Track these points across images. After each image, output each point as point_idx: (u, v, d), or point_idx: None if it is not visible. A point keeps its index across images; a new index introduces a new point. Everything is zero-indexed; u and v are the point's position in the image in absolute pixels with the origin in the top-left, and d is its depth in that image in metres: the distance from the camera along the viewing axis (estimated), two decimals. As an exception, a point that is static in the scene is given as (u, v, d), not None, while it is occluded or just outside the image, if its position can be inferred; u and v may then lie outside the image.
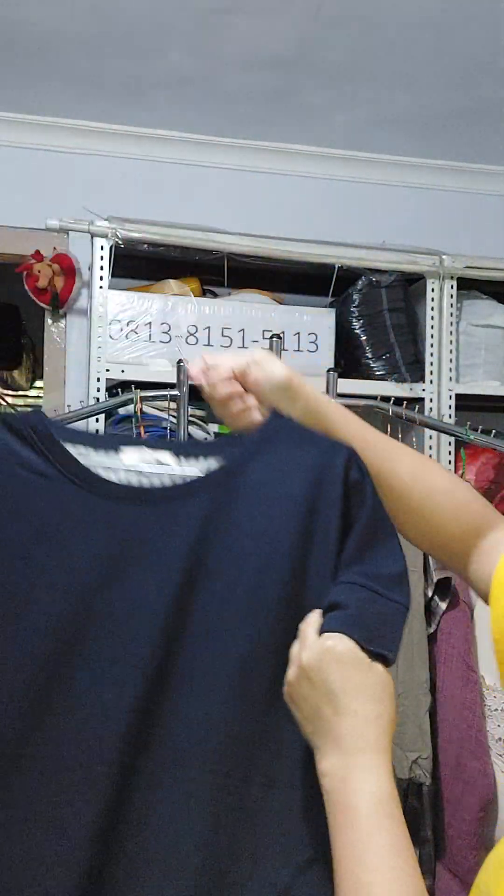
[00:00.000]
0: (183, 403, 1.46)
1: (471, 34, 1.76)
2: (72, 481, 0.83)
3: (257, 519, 0.84)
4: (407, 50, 1.82)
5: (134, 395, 1.45)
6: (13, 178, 2.20)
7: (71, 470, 0.84)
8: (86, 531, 0.82)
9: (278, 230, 2.10)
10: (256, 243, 1.91)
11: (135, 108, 2.12)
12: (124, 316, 1.83)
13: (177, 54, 1.86)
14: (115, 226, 1.82)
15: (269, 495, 0.85)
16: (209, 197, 2.30)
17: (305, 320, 1.94)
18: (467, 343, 2.06)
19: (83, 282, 2.12)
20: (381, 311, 1.99)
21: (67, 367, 2.21)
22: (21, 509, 0.82)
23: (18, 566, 0.80)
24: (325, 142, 2.28)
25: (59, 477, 0.83)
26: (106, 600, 0.80)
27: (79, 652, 0.79)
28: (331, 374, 1.46)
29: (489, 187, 2.47)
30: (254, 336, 1.90)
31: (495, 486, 2.02)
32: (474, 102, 2.06)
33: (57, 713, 0.78)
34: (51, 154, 2.22)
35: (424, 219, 2.43)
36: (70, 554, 0.81)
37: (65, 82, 1.99)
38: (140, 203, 2.23)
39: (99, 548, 0.82)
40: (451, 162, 2.39)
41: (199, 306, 1.88)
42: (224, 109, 2.11)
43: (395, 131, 2.21)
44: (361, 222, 2.38)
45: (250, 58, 1.86)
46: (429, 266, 1.99)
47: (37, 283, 2.04)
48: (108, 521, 0.83)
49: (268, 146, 2.30)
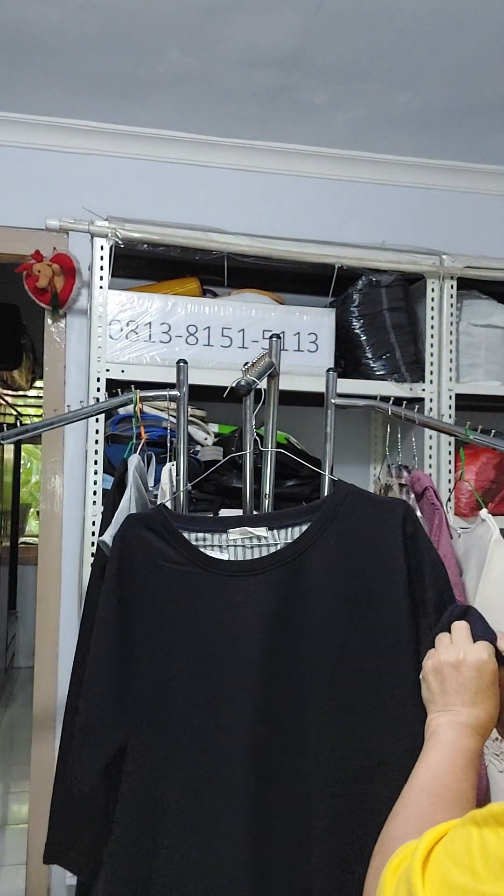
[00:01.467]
0: (183, 403, 1.46)
1: (471, 34, 1.76)
2: (196, 565, 1.13)
3: (337, 572, 1.11)
4: (407, 49, 1.82)
5: (134, 395, 1.45)
6: (13, 178, 2.20)
7: (193, 556, 1.14)
8: (206, 602, 1.12)
9: (278, 230, 2.10)
10: (256, 243, 1.91)
11: (135, 107, 2.11)
12: (124, 316, 1.83)
13: (177, 53, 1.86)
14: (115, 226, 1.82)
15: (346, 552, 1.12)
16: (209, 197, 2.30)
17: (305, 320, 1.94)
18: (467, 343, 2.06)
19: (83, 282, 2.12)
20: (381, 310, 1.99)
21: (67, 367, 2.21)
22: (163, 592, 1.13)
23: (169, 638, 1.12)
24: (325, 141, 2.28)
25: (187, 563, 1.14)
26: (219, 653, 1.10)
27: (206, 688, 1.10)
28: (331, 374, 1.46)
29: (489, 187, 2.46)
30: (254, 336, 1.90)
31: (495, 486, 2.02)
32: (475, 101, 2.05)
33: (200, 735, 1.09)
34: (51, 154, 2.22)
35: (424, 219, 2.43)
36: (197, 620, 1.12)
37: (65, 82, 1.99)
38: (140, 203, 2.23)
39: (215, 613, 1.11)
40: (451, 162, 2.39)
41: (199, 306, 1.88)
42: (224, 108, 2.11)
43: (395, 130, 2.21)
44: (361, 222, 2.38)
45: (250, 56, 1.86)
46: (429, 266, 1.99)
47: (37, 283, 2.04)
48: (220, 592, 1.12)
49: (268, 146, 2.29)
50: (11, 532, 5.36)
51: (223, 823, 1.07)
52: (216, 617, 1.11)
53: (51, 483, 2.19)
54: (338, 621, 1.11)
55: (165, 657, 1.12)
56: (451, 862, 0.56)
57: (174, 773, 1.09)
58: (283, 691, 1.10)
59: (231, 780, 1.08)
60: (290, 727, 1.10)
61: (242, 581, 1.12)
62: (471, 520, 1.89)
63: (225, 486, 1.76)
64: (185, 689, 1.10)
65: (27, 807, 2.22)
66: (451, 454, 1.95)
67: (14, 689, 4.95)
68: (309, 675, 1.10)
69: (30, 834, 2.13)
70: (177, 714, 1.10)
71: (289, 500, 1.74)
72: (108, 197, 2.20)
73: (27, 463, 6.31)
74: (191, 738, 1.10)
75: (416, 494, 1.65)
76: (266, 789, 1.08)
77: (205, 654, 1.11)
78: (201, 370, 1.80)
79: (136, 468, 1.45)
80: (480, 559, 1.52)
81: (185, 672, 1.11)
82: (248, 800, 1.07)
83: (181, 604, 1.12)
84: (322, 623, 1.11)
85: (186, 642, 1.12)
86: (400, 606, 1.10)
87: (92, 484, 1.76)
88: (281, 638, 1.10)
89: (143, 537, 1.16)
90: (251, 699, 1.09)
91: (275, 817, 1.08)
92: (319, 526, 1.14)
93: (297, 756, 1.09)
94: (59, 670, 2.15)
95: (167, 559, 1.14)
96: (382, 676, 1.09)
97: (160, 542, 1.15)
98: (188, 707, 1.10)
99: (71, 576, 2.16)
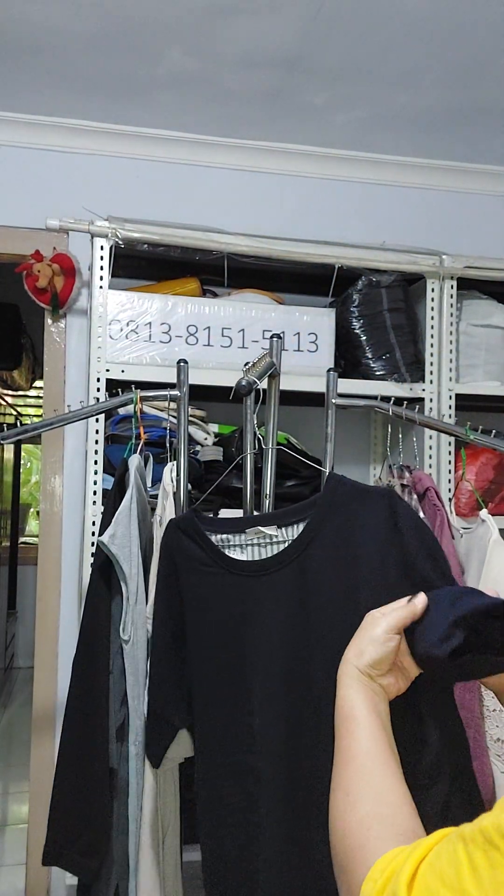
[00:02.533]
0: (183, 403, 1.46)
1: (471, 34, 1.76)
2: (221, 566, 1.22)
3: (336, 563, 1.17)
4: (407, 50, 1.82)
5: (134, 395, 1.45)
6: (13, 178, 2.20)
7: (219, 558, 1.23)
8: (233, 603, 1.21)
9: (278, 230, 2.10)
10: (256, 243, 1.91)
11: (135, 108, 2.11)
12: (124, 316, 1.83)
13: (177, 54, 1.86)
14: (115, 226, 1.82)
15: (343, 542, 1.18)
16: (209, 197, 2.30)
17: (305, 320, 1.94)
18: (467, 343, 2.06)
19: (83, 282, 2.12)
20: (381, 311, 1.99)
21: (67, 367, 2.21)
22: (199, 593, 1.23)
23: (207, 637, 1.23)
24: (325, 142, 2.28)
25: (213, 564, 1.23)
26: (245, 653, 1.19)
27: (246, 688, 1.19)
28: (331, 374, 1.46)
29: (489, 187, 2.47)
30: (254, 336, 1.90)
31: (495, 486, 2.02)
32: (474, 102, 2.06)
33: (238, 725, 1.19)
34: (51, 154, 2.22)
35: (424, 219, 2.43)
36: (222, 617, 1.21)
37: (65, 82, 1.99)
38: (140, 203, 2.23)
39: (237, 611, 1.20)
40: (452, 162, 2.39)
41: (199, 306, 1.88)
42: (224, 109, 2.11)
43: (395, 131, 2.21)
44: (361, 222, 2.38)
45: (251, 57, 1.86)
46: (429, 266, 1.99)
47: (37, 283, 2.04)
48: (240, 592, 1.21)
49: (268, 146, 2.29)
50: (11, 532, 5.36)
51: (258, 810, 1.15)
52: (241, 617, 1.20)
53: (51, 483, 2.19)
54: (342, 611, 1.14)
55: (207, 657, 1.22)
56: (439, 883, 0.53)
57: (225, 762, 1.19)
58: (297, 688, 1.15)
59: (266, 772, 1.16)
60: (304, 724, 1.15)
61: (258, 582, 1.20)
62: (471, 520, 1.89)
63: (225, 486, 1.76)
64: (226, 686, 1.20)
65: (27, 807, 2.22)
66: (451, 454, 1.95)
67: (14, 689, 4.95)
68: (319, 671, 1.14)
69: (30, 834, 2.13)
70: (222, 710, 1.20)
71: (289, 500, 1.73)
72: (108, 197, 2.20)
73: (27, 463, 6.31)
74: (234, 730, 1.19)
75: (418, 495, 1.65)
76: (285, 788, 1.14)
77: (235, 653, 1.19)
78: (201, 370, 1.80)
79: (136, 468, 1.45)
80: (481, 559, 1.52)
81: (223, 670, 1.20)
82: (280, 793, 1.15)
83: (213, 605, 1.22)
84: (329, 615, 1.15)
85: (221, 642, 1.21)
86: (394, 588, 1.11)
87: (92, 484, 1.76)
88: (292, 636, 1.17)
89: (180, 540, 1.26)
90: (274, 695, 1.16)
91: (305, 805, 1.13)
92: (317, 520, 1.20)
93: (315, 751, 1.14)
94: (59, 670, 2.15)
95: (200, 561, 1.24)
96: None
97: (193, 546, 1.25)
98: (229, 704, 1.19)
99: (71, 576, 2.16)
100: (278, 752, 1.15)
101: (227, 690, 1.20)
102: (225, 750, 1.19)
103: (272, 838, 1.14)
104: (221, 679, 1.21)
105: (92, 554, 1.73)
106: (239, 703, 1.19)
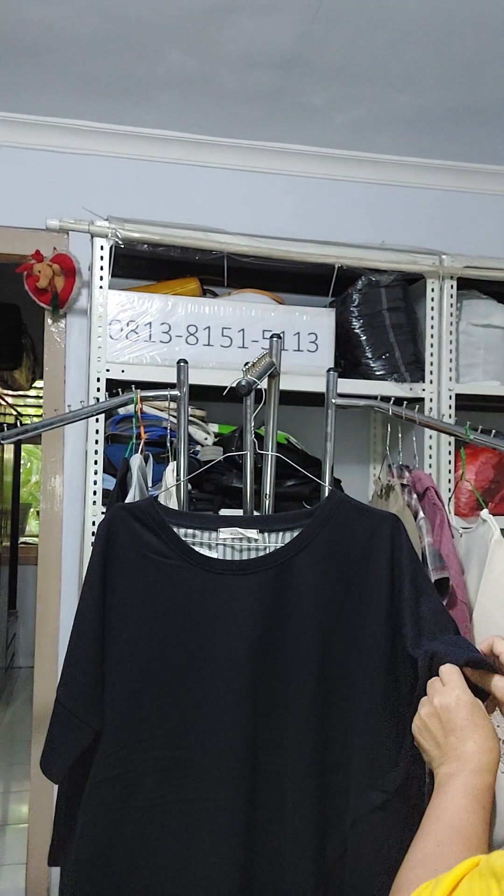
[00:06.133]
0: (183, 403, 1.46)
1: (469, 35, 1.76)
2: (184, 560, 1.16)
3: (324, 577, 1.14)
4: (407, 50, 1.82)
5: (134, 395, 1.45)
6: (13, 178, 2.20)
7: (182, 550, 1.16)
8: (194, 597, 1.14)
9: (278, 230, 2.10)
10: (256, 243, 1.91)
11: (135, 108, 2.11)
12: (124, 316, 1.83)
13: (177, 54, 1.86)
14: (115, 226, 1.82)
15: (335, 558, 1.15)
16: (209, 197, 2.30)
17: (305, 320, 1.94)
18: (467, 343, 2.06)
19: (83, 282, 2.12)
20: (381, 310, 1.99)
21: (67, 367, 2.21)
22: (149, 583, 1.15)
23: (152, 627, 1.14)
24: (325, 142, 2.28)
25: (175, 557, 1.16)
26: (204, 648, 1.13)
27: (195, 681, 1.13)
28: (331, 374, 1.46)
29: (489, 187, 2.47)
30: (254, 336, 1.90)
31: (495, 486, 2.02)
32: (474, 102, 2.06)
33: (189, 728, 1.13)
34: (51, 154, 2.22)
35: (424, 219, 2.43)
36: (183, 613, 1.14)
37: (65, 82, 1.99)
38: (140, 203, 2.23)
39: (203, 608, 1.14)
40: (451, 162, 2.39)
41: (199, 306, 1.88)
42: (224, 109, 2.11)
43: (394, 131, 2.21)
44: (361, 222, 2.38)
45: (250, 57, 1.86)
46: (429, 266, 1.99)
47: (37, 283, 2.04)
48: (208, 588, 1.14)
49: (268, 146, 2.29)
50: (11, 532, 5.36)
51: (198, 810, 1.11)
52: (203, 613, 1.15)
53: (51, 483, 2.19)
54: (323, 624, 1.15)
55: (148, 646, 1.15)
56: None
57: (151, 756, 1.12)
58: (266, 687, 1.14)
59: (210, 767, 1.12)
60: (270, 722, 1.14)
61: (232, 579, 1.15)
62: (470, 519, 1.90)
63: (225, 486, 1.76)
64: (167, 677, 1.14)
65: (27, 806, 2.22)
66: (451, 454, 1.95)
67: (14, 688, 4.95)
68: (292, 673, 1.14)
69: (30, 833, 2.13)
70: (157, 701, 1.14)
71: (289, 500, 1.74)
72: (108, 197, 2.20)
73: (27, 463, 6.31)
74: (170, 724, 1.13)
75: (418, 494, 1.65)
76: (244, 780, 1.12)
77: (190, 646, 1.14)
78: (201, 370, 1.80)
79: (139, 468, 1.45)
80: (481, 559, 1.52)
81: (168, 661, 1.14)
82: (227, 789, 1.11)
83: (167, 596, 1.15)
84: (308, 625, 1.14)
85: (171, 634, 1.14)
86: (381, 614, 1.14)
87: (92, 484, 1.76)
88: (267, 636, 1.15)
89: (131, 527, 1.18)
90: (235, 692, 1.13)
91: (254, 807, 1.12)
92: (310, 532, 1.18)
93: (279, 749, 1.13)
94: (59, 670, 2.14)
95: (155, 551, 1.16)
96: (359, 679, 1.14)
97: (148, 534, 1.17)
98: (169, 694, 1.13)
99: (71, 576, 2.16)
100: (235, 747, 1.12)
101: (170, 679, 1.14)
102: (155, 744, 1.13)
103: (219, 831, 1.11)
104: (163, 669, 1.14)
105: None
106: (184, 693, 1.14)
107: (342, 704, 1.14)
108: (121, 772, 1.13)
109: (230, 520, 1.23)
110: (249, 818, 1.11)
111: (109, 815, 1.12)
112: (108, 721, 1.13)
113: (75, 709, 1.14)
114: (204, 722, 1.13)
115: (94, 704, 1.14)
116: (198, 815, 1.11)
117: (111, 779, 1.13)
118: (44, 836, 1.35)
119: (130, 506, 1.21)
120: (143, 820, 1.12)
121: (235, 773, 1.12)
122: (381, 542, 1.17)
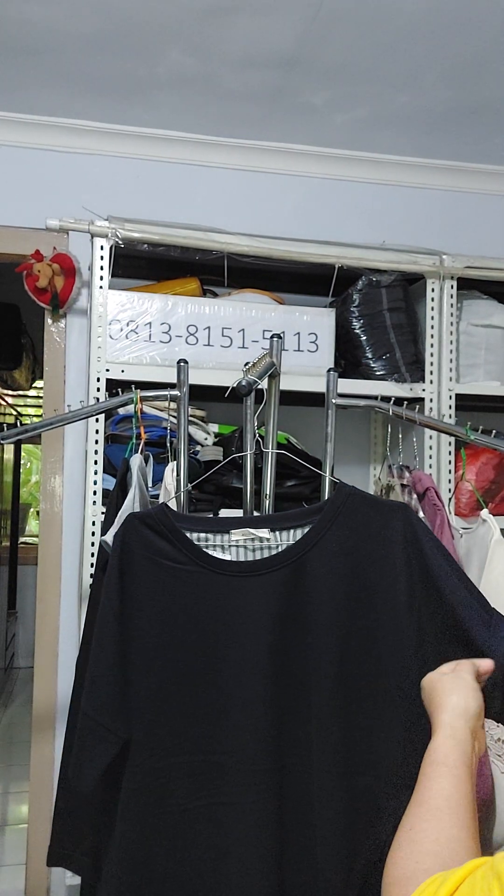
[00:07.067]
0: (183, 403, 1.46)
1: (470, 34, 1.76)
2: (198, 564, 1.16)
3: (338, 571, 1.14)
4: (407, 50, 1.82)
5: (134, 395, 1.45)
6: (13, 178, 2.20)
7: (196, 555, 1.17)
8: (210, 601, 1.15)
9: (278, 230, 2.10)
10: (256, 243, 1.91)
11: (135, 108, 2.11)
12: (124, 316, 1.83)
13: (177, 54, 1.86)
14: (115, 226, 1.82)
15: (348, 552, 1.15)
16: (209, 197, 2.30)
17: (305, 320, 1.94)
18: (467, 343, 2.06)
19: (83, 282, 2.12)
20: (381, 310, 1.99)
21: (67, 367, 2.20)
22: (165, 590, 1.15)
23: (172, 634, 1.14)
24: (325, 141, 2.28)
25: (189, 562, 1.16)
26: (224, 651, 1.13)
27: (217, 685, 1.13)
28: (331, 374, 1.46)
29: (489, 187, 2.46)
30: (254, 336, 1.90)
31: (495, 486, 2.02)
32: (474, 102, 2.05)
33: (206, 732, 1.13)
34: (51, 154, 2.22)
35: (424, 219, 2.43)
36: (200, 618, 1.14)
37: (65, 82, 1.99)
38: (140, 203, 2.23)
39: (220, 612, 1.14)
40: (452, 162, 2.39)
41: (199, 306, 1.88)
42: (224, 109, 2.11)
43: (394, 131, 2.21)
44: (361, 222, 2.38)
45: (250, 57, 1.86)
46: (429, 266, 1.99)
47: (37, 283, 2.04)
48: (224, 592, 1.15)
49: (268, 146, 2.29)
50: (11, 532, 5.35)
51: (229, 813, 1.11)
52: (221, 616, 1.15)
53: (51, 483, 2.19)
54: (340, 620, 1.14)
55: (169, 653, 1.15)
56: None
57: (180, 762, 1.13)
58: (287, 688, 1.14)
59: (237, 770, 1.12)
60: (293, 723, 1.13)
61: (246, 581, 1.15)
62: (470, 520, 1.89)
63: (225, 486, 1.76)
64: (190, 682, 1.14)
65: (27, 807, 2.22)
66: (451, 454, 1.95)
67: (14, 688, 4.94)
68: (312, 672, 1.13)
69: (30, 834, 2.13)
70: (182, 708, 1.14)
71: (289, 501, 1.74)
72: (108, 197, 2.20)
73: (27, 463, 6.30)
74: (196, 729, 1.13)
75: (418, 495, 1.65)
76: (272, 782, 1.12)
77: (209, 650, 1.14)
78: (201, 370, 1.80)
79: (139, 468, 1.45)
80: (482, 559, 1.52)
81: (189, 667, 1.15)
82: (255, 791, 1.11)
83: (184, 602, 1.15)
84: (325, 622, 1.14)
85: (190, 639, 1.15)
86: (400, 606, 1.13)
87: (92, 484, 1.76)
88: (285, 636, 1.14)
89: (144, 535, 1.18)
90: (257, 693, 1.13)
91: (283, 809, 1.12)
92: (321, 527, 1.17)
93: (303, 750, 1.13)
94: (59, 670, 2.15)
95: (169, 558, 1.17)
96: (383, 674, 1.13)
97: (161, 541, 1.17)
98: (193, 700, 1.14)
99: (71, 576, 2.16)
100: (259, 749, 1.13)
101: (192, 684, 1.15)
102: (183, 749, 1.13)
103: (249, 831, 1.12)
104: (185, 675, 1.15)
105: (92, 554, 1.73)
106: (207, 697, 1.14)
107: (364, 704, 1.13)
108: (152, 779, 1.13)
109: (241, 521, 1.23)
110: (278, 821, 1.11)
111: (148, 822, 1.12)
112: (135, 729, 1.14)
113: (102, 719, 1.13)
114: (228, 725, 1.13)
115: (121, 714, 1.14)
116: (229, 818, 1.11)
117: (143, 787, 1.13)
118: (43, 836, 1.35)
119: (141, 514, 1.21)
120: (178, 825, 1.12)
121: (262, 776, 1.12)
122: (394, 534, 1.16)
